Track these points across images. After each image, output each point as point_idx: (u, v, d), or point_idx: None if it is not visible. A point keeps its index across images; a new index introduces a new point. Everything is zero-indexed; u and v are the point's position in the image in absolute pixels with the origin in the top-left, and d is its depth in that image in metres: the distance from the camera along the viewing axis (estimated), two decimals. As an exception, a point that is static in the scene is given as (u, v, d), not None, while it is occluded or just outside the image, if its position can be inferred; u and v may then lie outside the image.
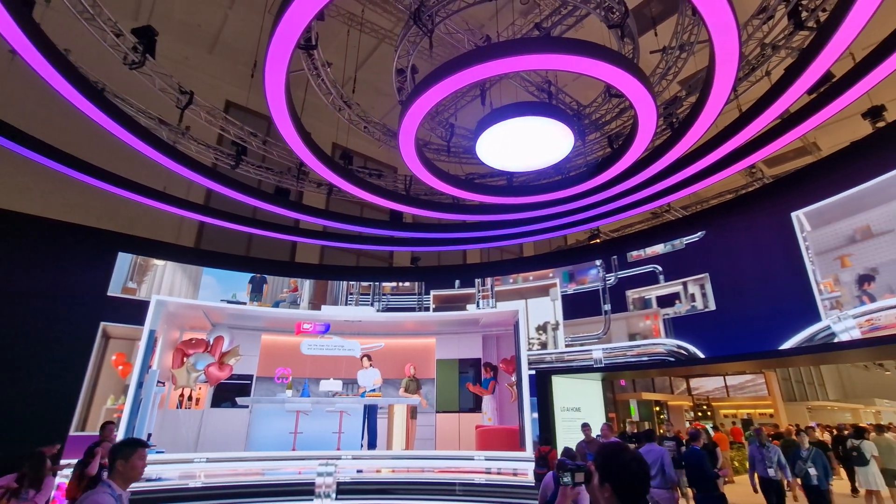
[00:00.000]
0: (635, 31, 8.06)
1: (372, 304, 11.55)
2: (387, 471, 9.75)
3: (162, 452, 8.80)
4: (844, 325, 6.83)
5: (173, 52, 10.84)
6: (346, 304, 11.55)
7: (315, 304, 11.25)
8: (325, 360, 10.79)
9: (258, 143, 9.84)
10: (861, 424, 12.17)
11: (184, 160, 8.06)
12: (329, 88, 9.20)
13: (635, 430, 12.51)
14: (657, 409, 16.92)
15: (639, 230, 12.79)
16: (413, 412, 10.53)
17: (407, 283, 11.84)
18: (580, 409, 10.40)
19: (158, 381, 9.26)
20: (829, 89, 6.96)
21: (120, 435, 8.38)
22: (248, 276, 10.89)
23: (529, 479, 8.93)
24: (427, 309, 11.49)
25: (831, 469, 8.07)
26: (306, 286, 11.36)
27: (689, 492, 8.18)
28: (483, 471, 9.54)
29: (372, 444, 10.14)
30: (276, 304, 10.95)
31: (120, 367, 8.91)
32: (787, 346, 7.46)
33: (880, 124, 8.53)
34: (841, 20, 5.58)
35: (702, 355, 8.64)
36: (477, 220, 11.01)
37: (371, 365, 10.83)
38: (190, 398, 9.74)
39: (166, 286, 9.82)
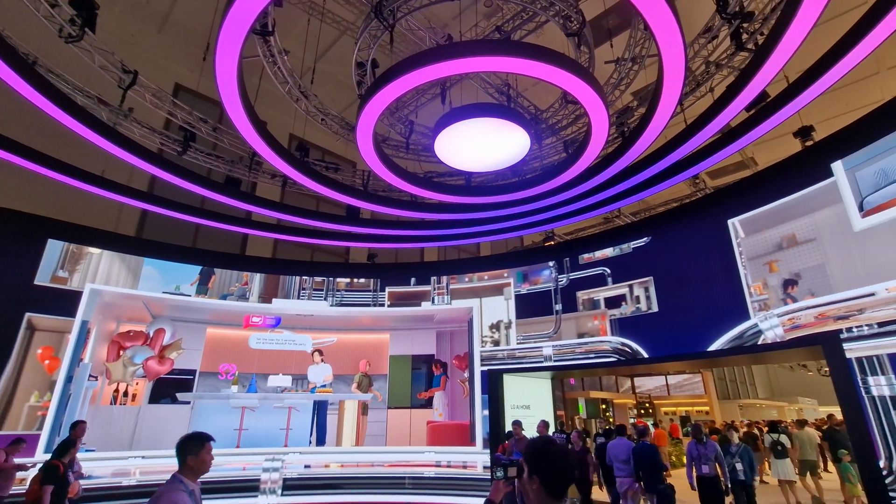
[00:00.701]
0: (591, 41, 8.32)
1: (326, 300, 11.35)
2: (335, 466, 9.64)
3: (92, 451, 8.30)
4: (770, 323, 7.36)
5: (117, 29, 10.20)
6: (298, 299, 11.29)
7: (265, 298, 10.94)
8: (275, 355, 10.52)
9: (208, 129, 9.42)
10: (779, 420, 13.14)
11: (125, 143, 7.60)
12: (286, 77, 8.95)
13: (607, 427, 13.00)
14: (603, 406, 17.59)
15: (591, 234, 13.23)
16: (364, 408, 10.44)
17: (362, 280, 11.72)
18: (530, 406, 10.65)
19: (91, 376, 8.72)
20: (764, 107, 7.46)
21: (45, 434, 7.85)
22: (194, 267, 10.43)
23: (479, 472, 9.10)
24: (382, 305, 11.42)
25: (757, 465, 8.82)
26: (256, 280, 11.01)
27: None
28: (433, 464, 9.63)
29: (321, 441, 9.98)
30: (224, 298, 10.55)
31: (46, 362, 8.30)
32: (718, 343, 7.97)
33: (808, 143, 9.25)
34: (775, 44, 5.98)
35: (645, 354, 9.05)
36: (435, 218, 11.04)
37: (322, 360, 10.65)
38: (126, 394, 9.23)
39: (102, 276, 9.25)
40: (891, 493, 5.59)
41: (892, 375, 5.79)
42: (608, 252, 10.23)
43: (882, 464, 5.74)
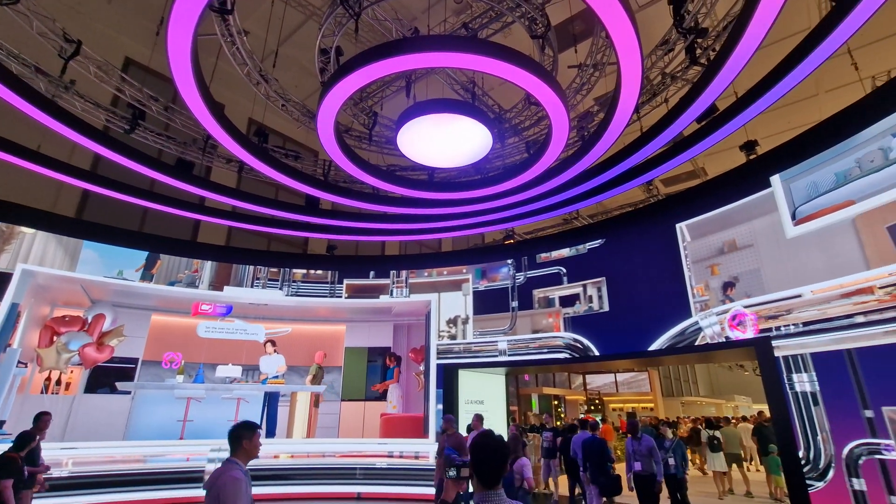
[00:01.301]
0: (556, 45, 8.49)
1: (281, 290, 11.09)
2: (285, 457, 9.47)
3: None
4: (709, 321, 7.82)
5: (62, -6, 9.53)
6: (251, 288, 10.97)
7: (216, 287, 10.56)
8: (224, 345, 10.18)
9: (159, 108, 8.97)
10: (718, 416, 13.97)
11: (64, 117, 7.12)
12: (245, 59, 8.64)
13: (572, 422, 13.25)
14: (556, 402, 18.09)
15: (550, 234, 13.53)
16: (316, 400, 10.30)
17: (320, 272, 11.52)
18: (484, 401, 10.81)
19: (19, 362, 8.16)
20: (713, 120, 7.85)
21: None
22: (140, 253, 9.93)
23: (431, 462, 9.21)
24: (339, 297, 11.28)
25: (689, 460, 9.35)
26: (207, 267, 10.61)
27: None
28: (385, 454, 9.65)
29: (270, 433, 9.77)
30: (172, 285, 10.11)
31: (-32, 348, 7.70)
32: (661, 339, 8.39)
33: (752, 156, 9.83)
34: (725, 61, 6.31)
35: (596, 351, 9.37)
36: (397, 212, 10.98)
37: (276, 351, 10.41)
38: (59, 382, 8.68)
39: (35, 257, 8.65)
40: (808, 481, 6.08)
41: (814, 373, 6.28)
42: (565, 252, 10.50)
43: (801, 454, 6.22)
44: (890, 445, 5.40)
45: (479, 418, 7.11)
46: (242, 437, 3.00)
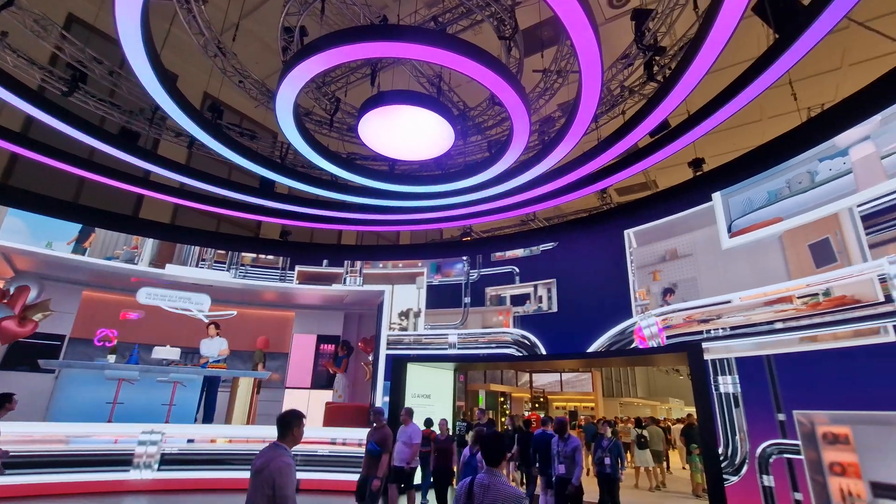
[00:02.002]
0: (523, 48, 8.61)
1: (228, 272, 10.68)
2: (223, 441, 9.16)
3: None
4: (647, 322, 8.26)
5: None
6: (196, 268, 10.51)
7: (158, 264, 10.05)
8: (162, 325, 9.70)
9: (103, 72, 8.39)
10: (651, 416, 14.76)
11: (-7, 72, 6.53)
12: (202, 29, 8.22)
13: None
14: (501, 399, 18.47)
15: (506, 233, 13.77)
16: (259, 386, 10.02)
17: (271, 257, 11.19)
18: (430, 396, 10.88)
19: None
20: (665, 134, 8.24)
21: None
22: (73, 225, 9.28)
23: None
24: (290, 283, 11.01)
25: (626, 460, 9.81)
26: (148, 245, 10.06)
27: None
28: (328, 441, 9.56)
29: (208, 419, 9.43)
30: (108, 261, 9.52)
31: None
32: (604, 338, 8.80)
33: (699, 172, 10.40)
34: (679, 79, 6.63)
35: (543, 348, 9.65)
36: (356, 201, 10.81)
37: (218, 334, 10.03)
38: (-30, 359, 8.00)
39: (-51, 223, 7.90)
40: (724, 475, 6.58)
41: (737, 376, 6.78)
42: (519, 252, 10.73)
43: (721, 450, 6.71)
44: (797, 446, 5.91)
45: (409, 413, 7.02)
46: (292, 423, 3.16)
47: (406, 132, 7.21)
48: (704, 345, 7.26)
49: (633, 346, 8.43)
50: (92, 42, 8.79)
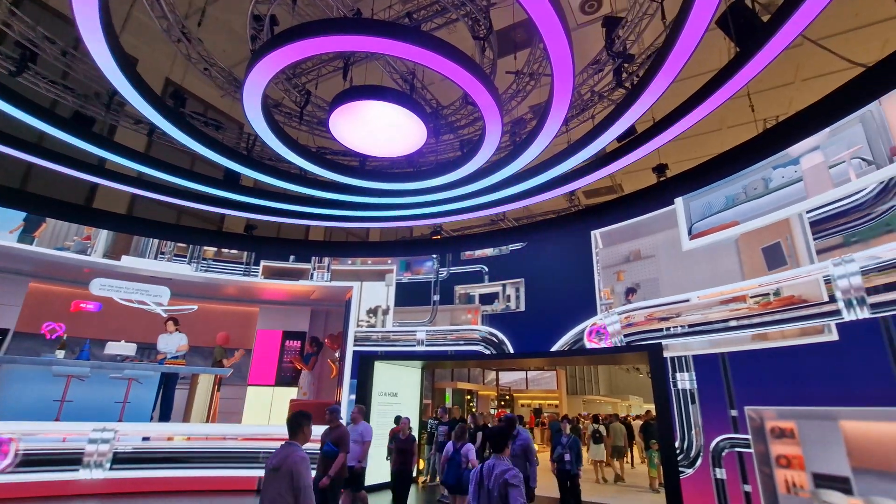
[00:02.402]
0: (496, 49, 8.68)
1: (189, 265, 10.30)
2: (181, 439, 8.82)
3: None
4: (611, 319, 8.52)
5: None
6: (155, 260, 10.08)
7: (113, 256, 9.59)
8: (117, 319, 9.26)
9: (56, 52, 7.92)
10: (613, 413, 15.22)
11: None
12: (165, 12, 7.87)
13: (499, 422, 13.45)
14: (468, 397, 18.59)
15: (476, 233, 13.85)
16: (219, 384, 9.72)
17: (235, 251, 10.86)
18: (398, 394, 10.84)
19: None
20: (632, 140, 8.48)
21: None
22: (17, 213, 8.73)
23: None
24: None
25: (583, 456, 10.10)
26: (103, 236, 9.58)
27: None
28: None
29: (165, 417, 9.06)
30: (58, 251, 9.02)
31: None
32: (568, 335, 9.02)
33: (662, 178, 10.77)
34: (646, 87, 6.83)
35: (510, 345, 9.77)
36: (324, 196, 10.61)
37: (178, 329, 9.66)
38: None
39: None
40: (680, 468, 6.88)
41: (693, 373, 7.09)
42: (488, 251, 10.82)
43: (677, 444, 7.00)
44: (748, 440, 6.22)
45: (360, 411, 6.87)
46: (302, 423, 3.58)
47: (378, 128, 7.14)
48: (664, 342, 7.56)
49: (590, 345, 8.68)
50: (43, 20, 8.27)
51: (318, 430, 9.08)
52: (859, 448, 5.10)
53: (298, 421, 3.57)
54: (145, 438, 8.54)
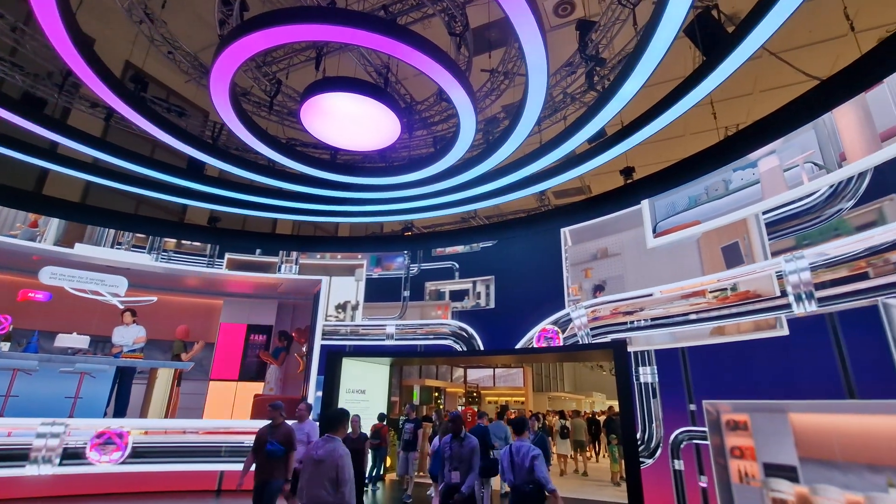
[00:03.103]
0: (472, 46, 8.69)
1: (149, 255, 9.88)
2: (138, 433, 8.45)
3: None
4: (578, 313, 8.78)
5: None
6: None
7: (65, 243, 9.10)
8: (69, 310, 8.77)
9: (5, 27, 7.41)
10: (577, 410, 15.60)
11: None
12: (127, -9, 7.50)
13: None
14: (436, 394, 18.60)
15: (448, 230, 13.88)
16: (179, 378, 9.37)
17: (198, 243, 10.47)
18: (365, 391, 10.74)
19: None
20: (601, 143, 8.68)
21: None
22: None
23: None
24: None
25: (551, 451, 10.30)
26: (53, 223, 9.05)
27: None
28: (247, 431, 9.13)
29: (120, 413, 8.65)
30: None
31: None
32: (536, 329, 9.24)
33: (629, 181, 11.08)
34: (616, 91, 7.01)
35: (479, 340, 9.87)
36: (294, 189, 10.37)
37: (135, 322, 9.25)
38: None
39: None
40: (641, 458, 7.16)
41: (655, 367, 7.38)
42: (459, 248, 10.85)
43: (639, 436, 7.27)
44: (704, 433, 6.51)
45: (308, 408, 6.56)
46: (342, 419, 4.03)
47: (350, 121, 7.04)
48: (628, 335, 7.85)
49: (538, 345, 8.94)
50: (-10, -9, 7.71)
51: (247, 424, 8.99)
52: (806, 439, 5.42)
53: (337, 417, 4.00)
54: (99, 434, 8.14)
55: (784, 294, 6.01)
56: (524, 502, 4.45)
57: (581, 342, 8.61)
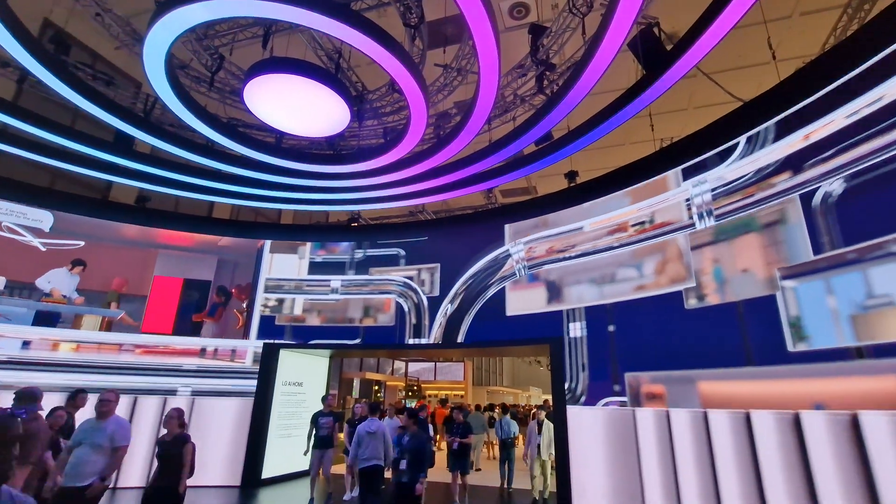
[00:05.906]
0: (426, 40, 8.66)
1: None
2: (69, 349, 7.86)
3: None
4: (517, 248, 9.33)
5: None
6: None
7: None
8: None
9: None
10: (515, 403, 16.05)
11: None
12: (49, -59, 6.79)
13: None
14: (376, 388, 18.52)
15: (395, 222, 13.77)
16: (108, 328, 8.75)
17: (124, 224, 9.72)
18: (303, 384, 10.47)
19: None
20: (548, 145, 8.95)
21: None
22: None
23: (248, 364, 9.60)
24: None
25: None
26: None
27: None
28: (197, 352, 9.23)
29: None
30: None
31: None
32: (476, 266, 9.67)
33: (573, 184, 11.52)
34: (564, 96, 7.25)
35: (426, 301, 10.03)
36: (233, 172, 9.86)
37: (82, 271, 8.66)
38: None
39: None
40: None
41: (584, 322, 7.98)
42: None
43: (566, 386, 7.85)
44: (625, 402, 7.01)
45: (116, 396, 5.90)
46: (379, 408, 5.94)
47: (298, 105, 6.81)
48: (560, 265, 8.53)
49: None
50: None
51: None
52: (710, 404, 6.03)
53: (379, 406, 6.23)
54: (25, 344, 7.38)
55: (690, 217, 6.87)
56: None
57: (518, 276, 9.03)
